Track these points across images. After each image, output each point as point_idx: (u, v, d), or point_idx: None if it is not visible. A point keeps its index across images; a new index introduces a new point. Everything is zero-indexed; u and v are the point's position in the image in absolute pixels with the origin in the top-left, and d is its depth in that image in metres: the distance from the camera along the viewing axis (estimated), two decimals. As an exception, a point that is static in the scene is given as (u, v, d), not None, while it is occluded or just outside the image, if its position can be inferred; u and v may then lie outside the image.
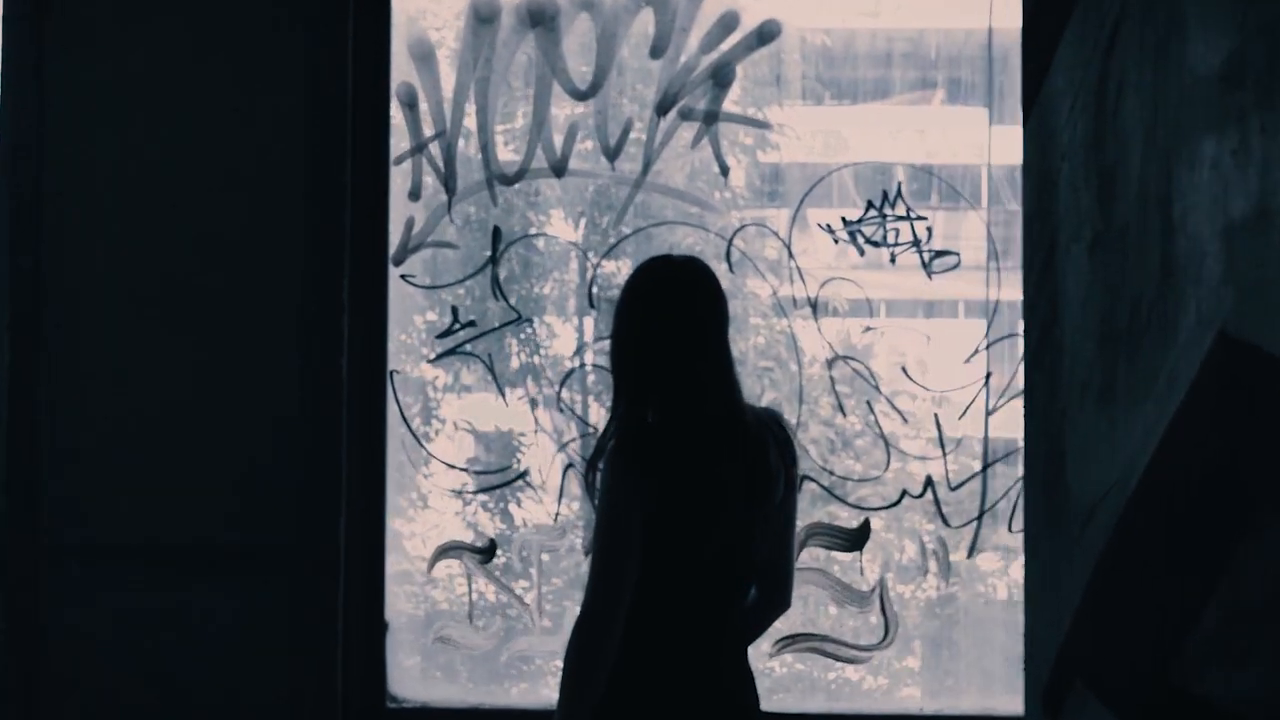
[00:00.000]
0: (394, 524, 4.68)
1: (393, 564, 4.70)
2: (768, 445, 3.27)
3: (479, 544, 4.65)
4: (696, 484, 3.16)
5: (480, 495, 4.71)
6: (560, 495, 4.62)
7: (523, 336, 4.70)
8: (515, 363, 4.71)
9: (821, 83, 4.72)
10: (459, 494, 4.72)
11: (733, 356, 3.29)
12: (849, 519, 4.62)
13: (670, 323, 3.19)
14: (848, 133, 4.79)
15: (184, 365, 4.54)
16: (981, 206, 4.64)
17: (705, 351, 3.22)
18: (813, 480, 4.61)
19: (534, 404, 4.65)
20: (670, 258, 3.35)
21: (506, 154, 4.65)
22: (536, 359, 4.68)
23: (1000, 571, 4.69)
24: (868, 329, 4.64)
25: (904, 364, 4.64)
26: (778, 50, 4.63)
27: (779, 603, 3.45)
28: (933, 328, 4.73)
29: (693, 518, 3.16)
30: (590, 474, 3.21)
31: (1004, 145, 4.59)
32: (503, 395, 4.65)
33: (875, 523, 4.60)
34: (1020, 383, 4.55)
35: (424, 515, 4.74)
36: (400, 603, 4.68)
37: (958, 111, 4.75)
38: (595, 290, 4.64)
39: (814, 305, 4.62)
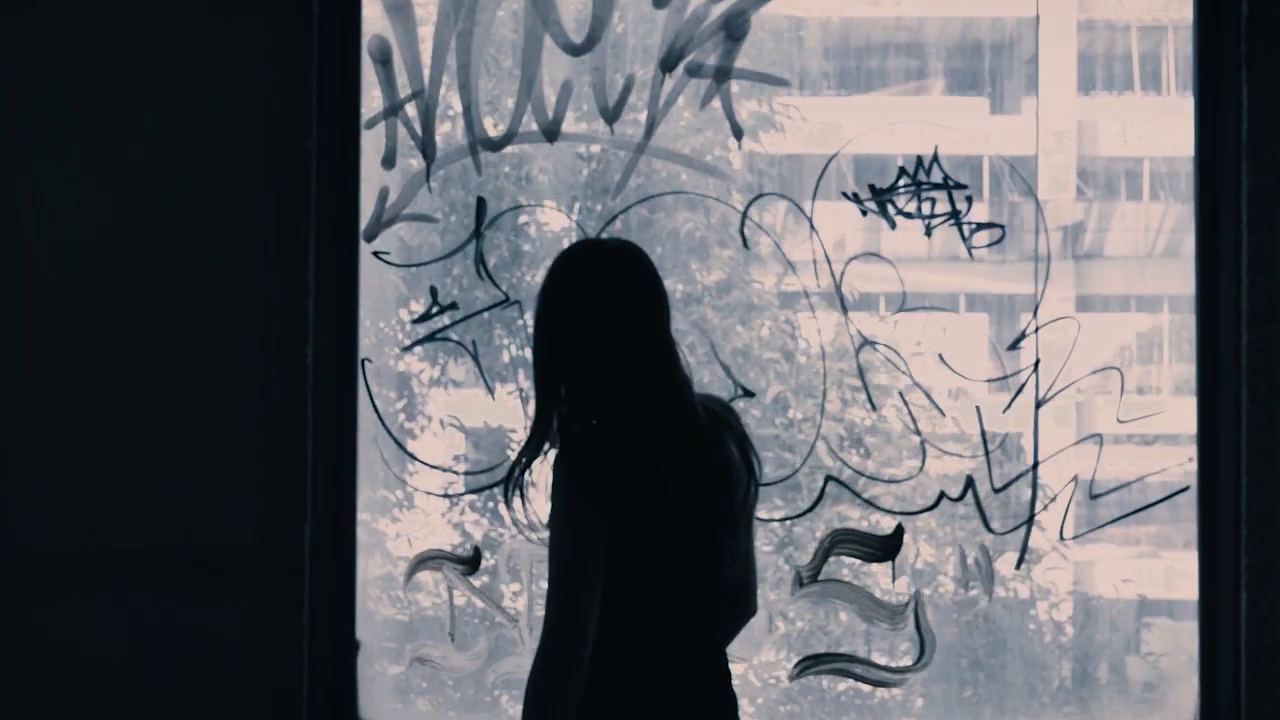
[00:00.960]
0: (367, 531, 4.17)
1: (366, 573, 4.19)
2: (724, 439, 3.00)
3: (462, 552, 4.14)
4: (654, 490, 2.89)
5: (468, 497, 4.20)
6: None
7: (511, 322, 4.18)
8: (505, 354, 4.20)
9: (847, 46, 4.21)
10: (445, 496, 4.21)
11: (676, 346, 2.99)
12: (879, 524, 4.10)
13: (610, 317, 2.92)
14: (876, 96, 4.27)
15: (133, 357, 4.06)
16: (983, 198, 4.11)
17: (650, 345, 2.95)
18: (839, 481, 4.09)
19: (526, 399, 4.14)
20: (602, 242, 3.05)
21: (492, 116, 4.14)
22: (528, 349, 4.17)
23: (1051, 585, 4.16)
24: (900, 310, 4.11)
25: (941, 351, 4.11)
26: (796, -3, 4.11)
27: (745, 608, 3.14)
28: (972, 312, 4.20)
29: (655, 528, 2.89)
30: (509, 490, 2.97)
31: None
32: (489, 388, 4.13)
33: (909, 528, 4.06)
34: (1074, 373, 4.02)
35: (404, 520, 4.24)
36: (374, 619, 4.18)
37: (957, 100, 4.23)
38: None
39: (839, 284, 4.10)
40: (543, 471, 4.03)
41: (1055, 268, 4.12)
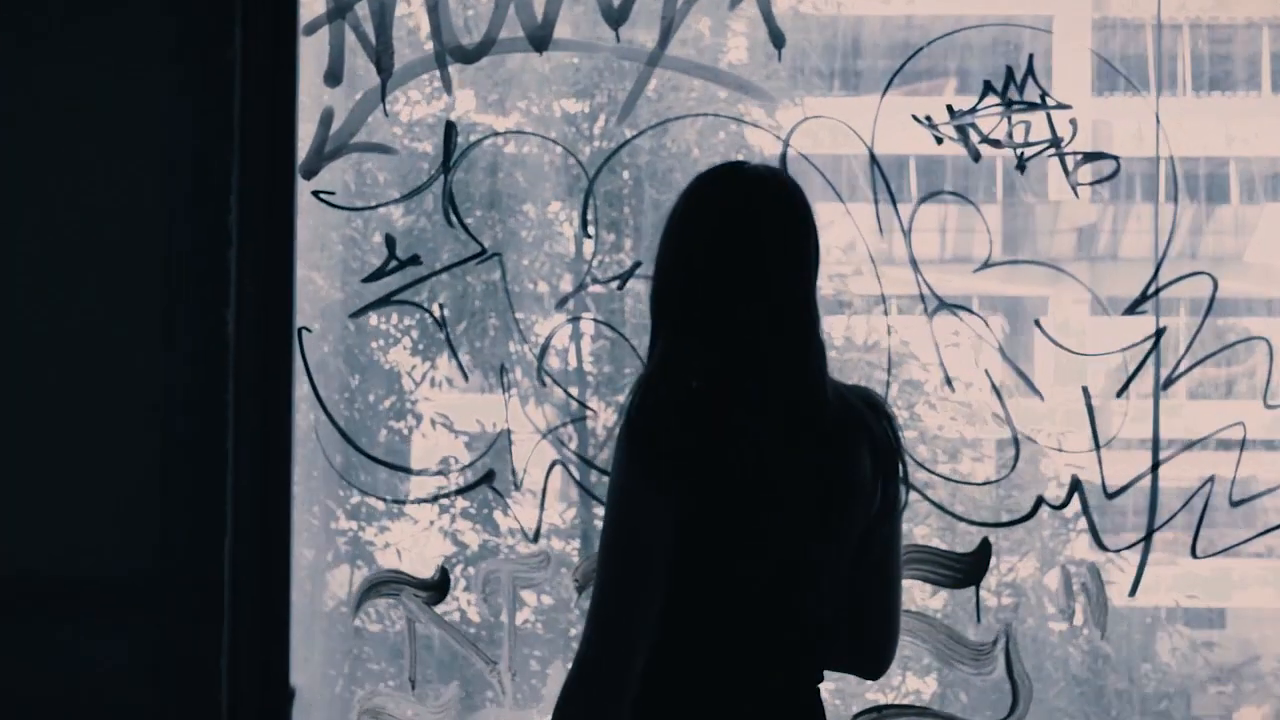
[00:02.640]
0: (320, 544, 3.28)
1: (315, 602, 3.31)
2: (857, 442, 2.42)
3: (425, 575, 3.24)
4: (742, 486, 2.34)
5: (425, 506, 3.31)
6: (542, 503, 3.22)
7: (488, 279, 3.29)
8: (483, 322, 3.31)
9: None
10: (396, 502, 3.32)
11: (818, 315, 2.43)
12: (960, 539, 3.21)
13: (736, 252, 2.39)
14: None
15: (6, 333, 3.16)
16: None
17: (780, 297, 2.41)
18: (907, 484, 3.18)
19: (505, 374, 3.25)
20: (745, 166, 2.48)
21: (465, 17, 3.25)
22: (511, 314, 3.29)
23: (1178, 614, 3.26)
24: (986, 265, 3.22)
25: (1038, 316, 3.23)
26: None
27: (866, 671, 2.55)
28: (1077, 268, 3.33)
29: (731, 532, 2.34)
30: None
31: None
32: (458, 361, 3.24)
33: (997, 544, 3.18)
34: (1208, 344, 3.15)
35: (345, 532, 3.34)
36: (312, 659, 3.29)
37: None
38: (594, 214, 3.24)
39: (906, 231, 3.21)
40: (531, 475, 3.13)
41: (1182, 215, 3.24)
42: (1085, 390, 3.19)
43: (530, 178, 3.36)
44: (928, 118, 3.22)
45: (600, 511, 2.97)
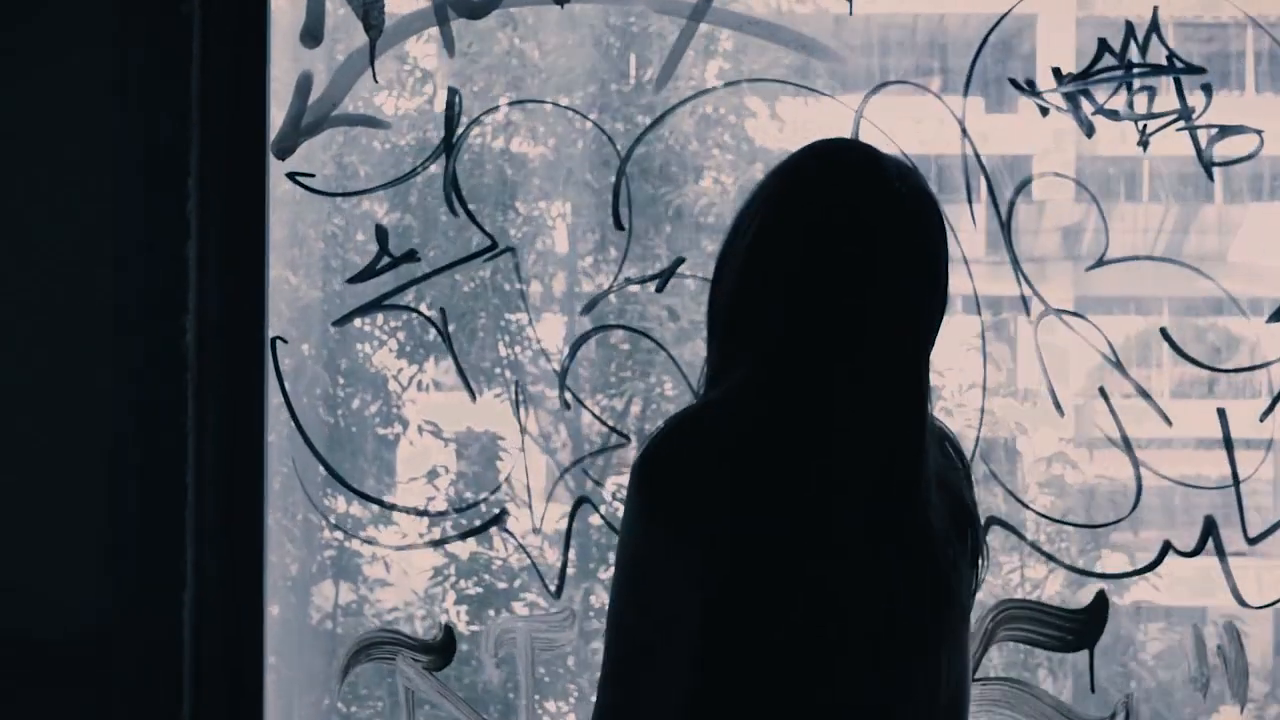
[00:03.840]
0: (275, 603, 2.73)
1: (280, 675, 2.78)
2: (935, 510, 1.88)
3: (427, 636, 2.70)
4: (792, 571, 1.81)
5: (422, 551, 2.77)
6: (566, 546, 2.67)
7: (500, 282, 2.75)
8: (488, 326, 2.78)
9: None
10: (398, 550, 2.79)
11: (929, 376, 1.90)
12: (1068, 592, 2.66)
13: (838, 258, 1.83)
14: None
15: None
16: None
17: (888, 349, 1.85)
18: (1004, 524, 2.64)
19: (520, 391, 2.71)
20: (866, 150, 1.93)
21: (470, -37, 2.70)
22: (530, 327, 2.75)
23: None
24: (1099, 262, 2.67)
25: (1164, 324, 2.69)
26: None
27: None
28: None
29: (773, 638, 1.82)
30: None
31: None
32: (464, 378, 2.69)
33: (1116, 600, 2.62)
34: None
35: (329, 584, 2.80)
36: (290, 738, 2.76)
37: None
38: (625, 201, 2.68)
39: (1005, 223, 2.66)
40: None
41: None
42: (1221, 413, 2.64)
43: (548, 156, 2.81)
44: (1029, 82, 2.67)
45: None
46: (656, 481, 1.82)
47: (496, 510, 2.69)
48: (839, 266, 1.82)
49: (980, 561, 1.96)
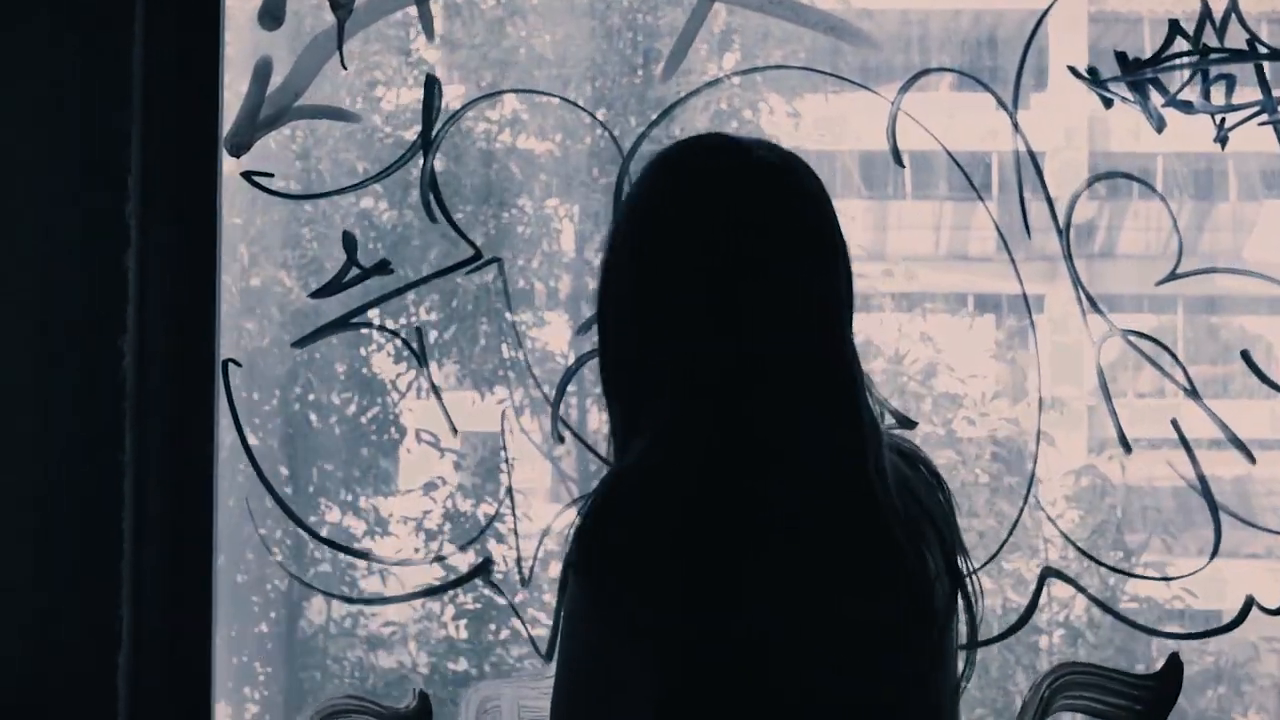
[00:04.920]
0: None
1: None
2: (920, 535, 1.65)
3: (399, 702, 2.36)
4: (757, 653, 1.58)
5: (381, 616, 2.44)
6: (559, 606, 2.32)
7: (487, 296, 2.41)
8: (477, 346, 2.44)
9: None
10: (364, 601, 2.45)
11: (860, 372, 1.67)
12: (1137, 653, 2.32)
13: (692, 272, 1.64)
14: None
15: None
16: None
17: (796, 333, 1.65)
18: (1062, 576, 2.30)
19: (515, 414, 2.38)
20: (731, 140, 1.72)
21: (452, -68, 2.39)
22: (516, 343, 2.42)
23: None
24: (1171, 277, 2.34)
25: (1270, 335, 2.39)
26: None
27: None
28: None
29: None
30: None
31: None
32: (449, 422, 2.35)
33: (1192, 663, 2.28)
34: None
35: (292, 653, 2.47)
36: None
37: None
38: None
39: (1063, 229, 2.33)
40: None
41: None
42: (1311, 450, 2.31)
43: (541, 154, 2.48)
44: (1091, 70, 2.34)
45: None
46: (598, 568, 1.60)
47: (481, 559, 2.35)
48: (734, 259, 1.62)
49: (972, 603, 1.70)
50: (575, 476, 2.51)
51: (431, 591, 2.44)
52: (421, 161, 2.34)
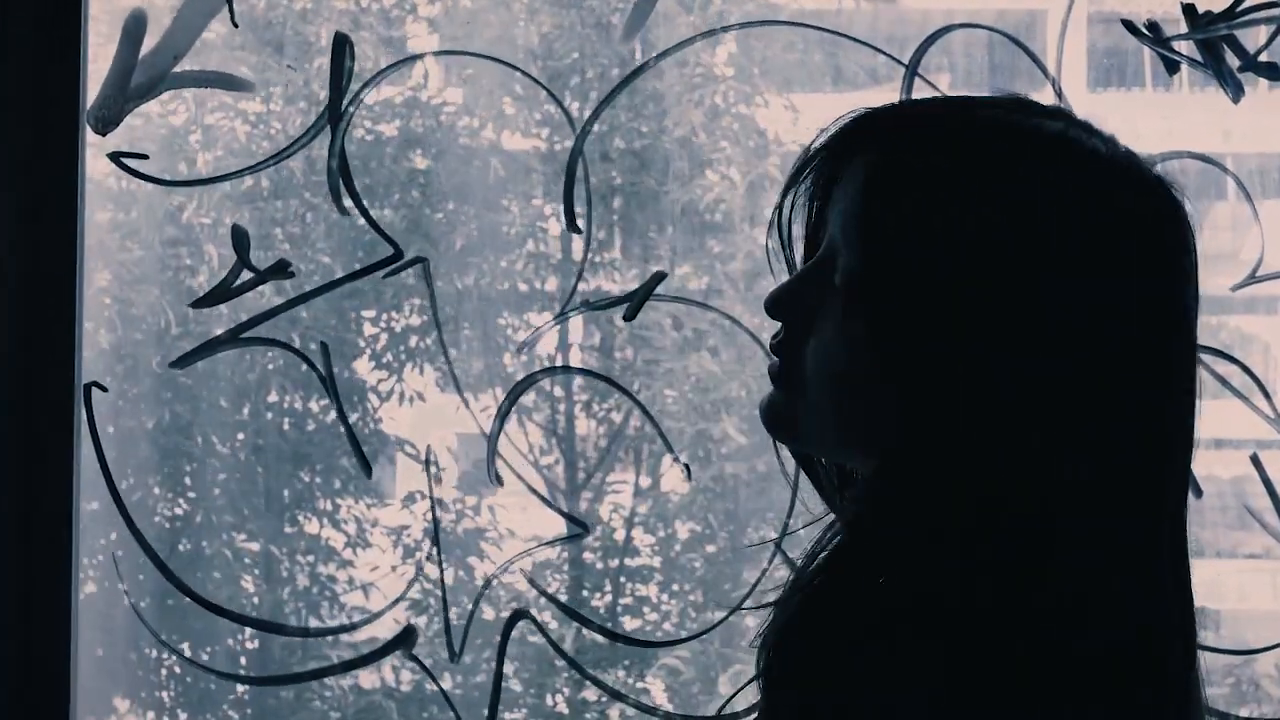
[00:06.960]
0: None
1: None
2: None
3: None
4: None
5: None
6: (498, 677, 1.90)
7: (409, 300, 1.98)
8: (409, 366, 2.02)
9: None
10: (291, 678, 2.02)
11: None
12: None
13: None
14: None
15: None
16: None
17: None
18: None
19: (429, 466, 1.95)
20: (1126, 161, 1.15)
21: None
22: (443, 355, 1.99)
23: None
24: (1253, 278, 1.91)
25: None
26: None
27: None
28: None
29: None
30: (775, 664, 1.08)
31: None
32: (364, 461, 1.91)
33: None
34: None
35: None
36: None
37: None
38: (585, 194, 1.90)
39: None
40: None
41: None
42: None
43: (474, 135, 2.04)
44: (1149, 25, 1.90)
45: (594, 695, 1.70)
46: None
47: (400, 628, 1.91)
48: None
49: None
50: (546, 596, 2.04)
51: (350, 665, 2.01)
52: (330, 140, 1.91)
